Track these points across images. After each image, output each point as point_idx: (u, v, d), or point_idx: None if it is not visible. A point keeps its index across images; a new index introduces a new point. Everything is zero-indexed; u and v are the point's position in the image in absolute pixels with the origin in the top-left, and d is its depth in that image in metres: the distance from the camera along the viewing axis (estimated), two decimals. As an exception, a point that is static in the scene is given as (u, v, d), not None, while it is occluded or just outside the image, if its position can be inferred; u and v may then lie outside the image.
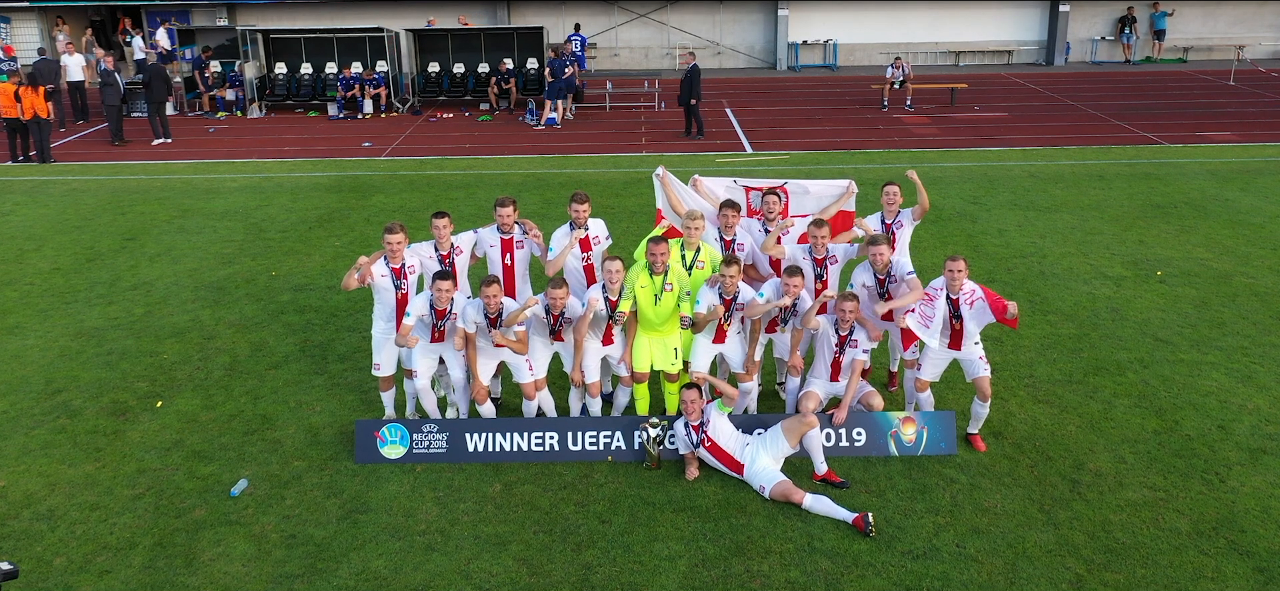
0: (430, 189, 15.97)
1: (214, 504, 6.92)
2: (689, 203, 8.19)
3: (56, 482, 7.21)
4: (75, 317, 10.51)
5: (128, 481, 7.22)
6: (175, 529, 6.64)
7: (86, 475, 7.32)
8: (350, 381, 8.81)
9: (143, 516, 6.77)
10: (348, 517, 6.75)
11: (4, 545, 6.48)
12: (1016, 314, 7.21)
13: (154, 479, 7.25)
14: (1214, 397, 8.29)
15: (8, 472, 7.38)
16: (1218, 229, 13.03)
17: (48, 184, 16.84)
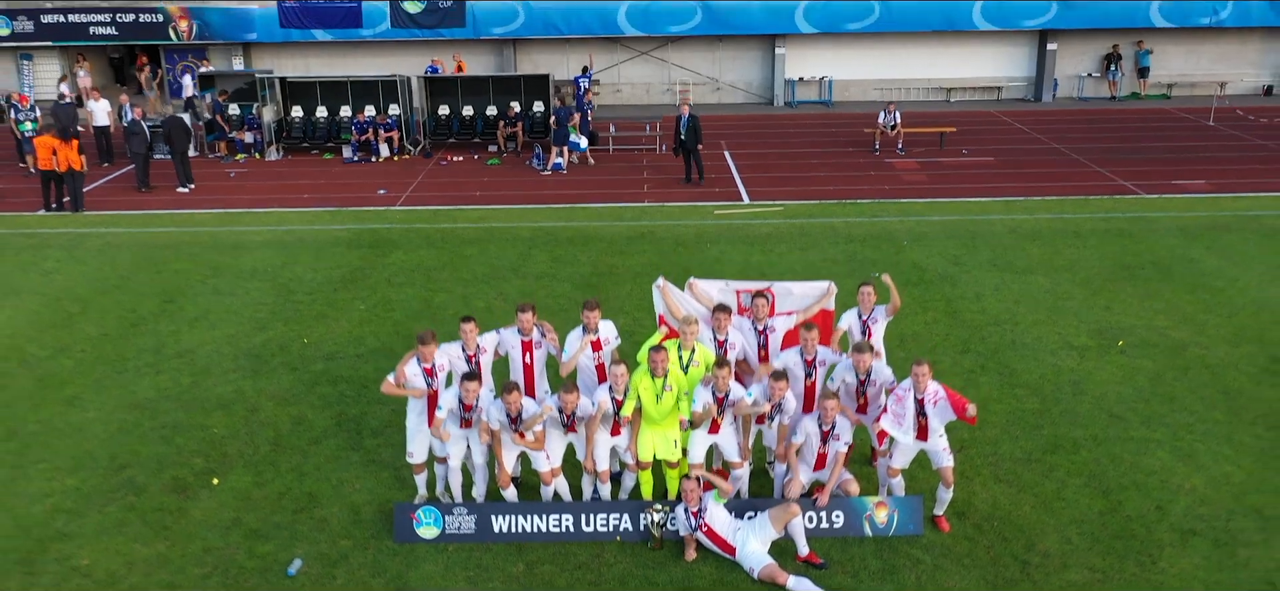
0: (445, 245, 16.97)
1: (274, 582, 7.93)
2: (686, 308, 9.20)
3: (133, 562, 8.22)
4: (127, 388, 11.52)
5: (195, 560, 8.23)
6: (241, 606, 7.66)
7: (158, 554, 8.33)
8: (384, 458, 9.81)
9: (212, 594, 7.80)
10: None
11: None
12: (975, 414, 8.23)
13: (218, 558, 8.26)
14: (1156, 477, 9.29)
15: (89, 551, 8.39)
16: (1180, 294, 14.02)
17: (83, 237, 17.87)
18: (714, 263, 15.72)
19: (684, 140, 21.05)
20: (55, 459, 9.93)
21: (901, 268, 15.19)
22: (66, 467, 9.74)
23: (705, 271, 15.17)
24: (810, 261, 15.75)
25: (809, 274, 15.01)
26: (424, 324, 13.18)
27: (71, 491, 9.32)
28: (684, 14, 29.23)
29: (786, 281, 9.79)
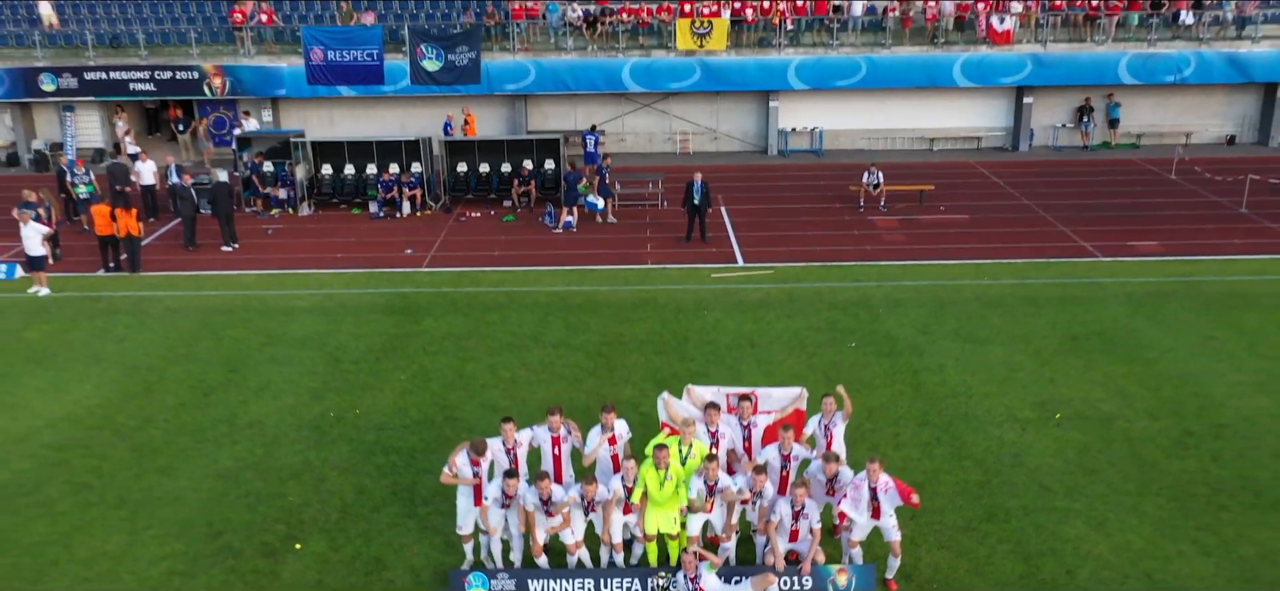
0: (471, 310, 18.97)
1: None
2: (684, 413, 11.19)
3: None
4: (209, 458, 13.51)
5: None
6: (331, 656, 9.65)
7: None
8: (436, 525, 11.78)
9: (307, 645, 9.79)
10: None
11: None
12: (918, 501, 10.23)
13: None
14: (1070, 544, 11.28)
15: None
16: (1116, 366, 16.00)
17: (146, 301, 19.86)
18: (710, 330, 17.73)
19: (697, 204, 23.05)
20: (161, 525, 11.92)
21: (876, 338, 17.21)
22: (172, 533, 11.74)
23: (702, 339, 17.36)
24: (795, 328, 17.77)
25: (794, 340, 17.20)
26: (458, 394, 15.30)
27: (180, 555, 11.32)
28: (684, 71, 31.26)
29: (767, 386, 11.79)
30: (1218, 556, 11.08)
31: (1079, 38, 31.62)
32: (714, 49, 30.94)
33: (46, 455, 13.69)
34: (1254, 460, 13.05)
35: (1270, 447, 13.36)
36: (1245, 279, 20.21)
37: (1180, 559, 11.05)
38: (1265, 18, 31.54)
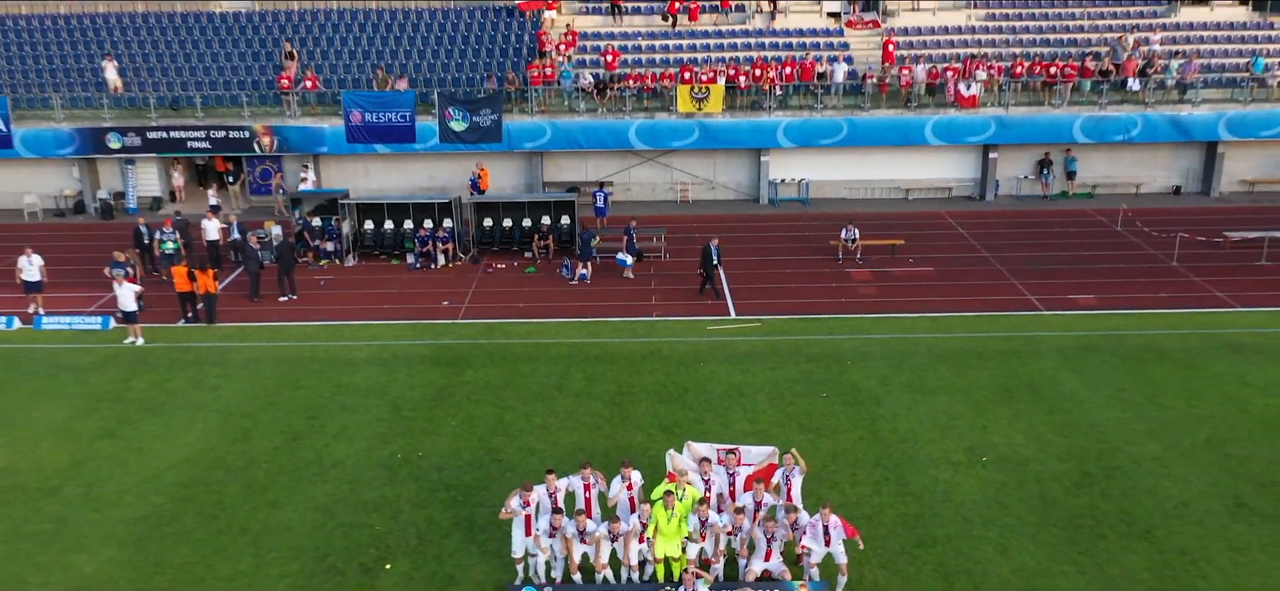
0: (504, 362, 22.29)
1: None
2: (684, 464, 14.54)
3: None
4: (306, 493, 16.84)
5: None
6: (424, 649, 12.97)
7: None
8: (492, 549, 15.09)
9: (404, 642, 13.11)
10: (510, 643, 13.10)
11: None
12: (860, 540, 13.59)
13: None
14: (980, 565, 14.60)
15: None
16: (1039, 415, 19.33)
17: (227, 352, 23.21)
18: (706, 381, 21.06)
19: (716, 264, 26.37)
20: (279, 550, 15.26)
21: (843, 388, 20.56)
22: (289, 556, 15.08)
23: (699, 390, 20.68)
24: (776, 379, 21.10)
25: (775, 390, 20.50)
26: (500, 439, 18.63)
27: (298, 573, 14.66)
28: (684, 131, 34.63)
29: (747, 445, 15.16)
30: (1090, 574, 14.42)
31: (1037, 101, 35.03)
32: (711, 112, 34.35)
33: (176, 491, 17.04)
34: (1133, 497, 16.40)
35: (1148, 486, 16.70)
36: (1161, 333, 23.54)
37: (1062, 577, 14.39)
38: (1204, 83, 34.92)
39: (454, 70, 36.53)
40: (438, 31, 38.25)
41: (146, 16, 39.00)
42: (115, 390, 21.22)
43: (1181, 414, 19.34)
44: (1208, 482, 16.81)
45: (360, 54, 37.28)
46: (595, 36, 38.16)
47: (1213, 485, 16.73)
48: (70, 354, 23.37)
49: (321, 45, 37.69)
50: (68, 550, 15.42)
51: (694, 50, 37.38)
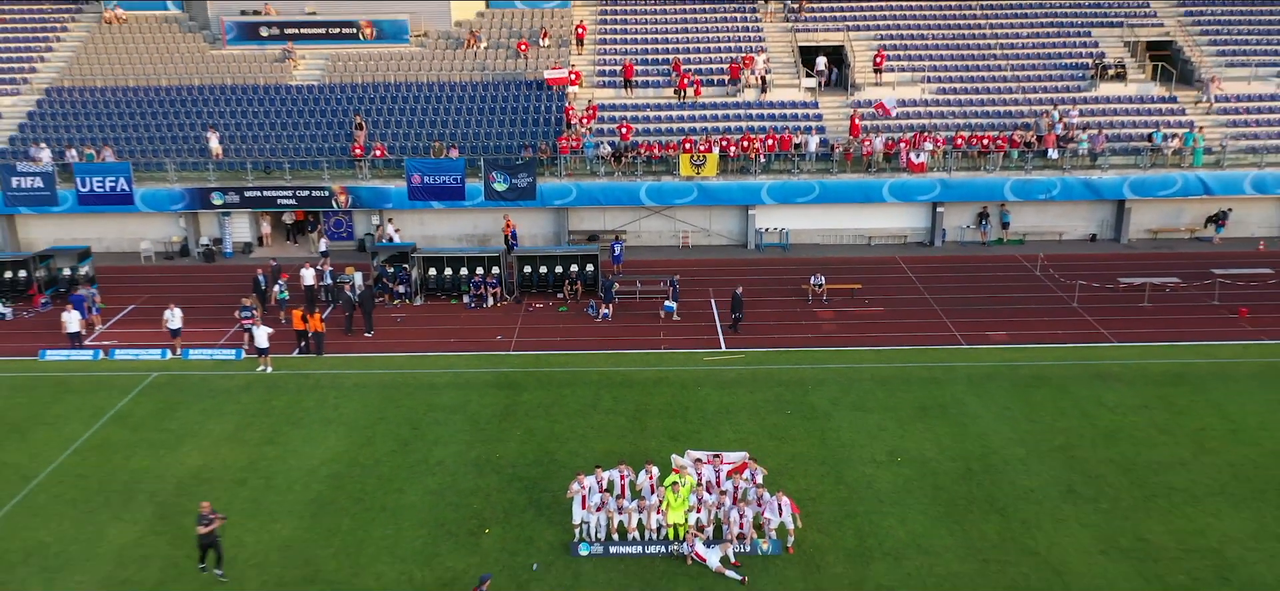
0: (550, 386, 29.13)
1: (534, 575, 20.09)
2: (684, 463, 21.44)
3: (469, 566, 20.40)
4: (422, 484, 23.68)
5: (495, 565, 20.36)
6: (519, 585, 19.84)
7: (476, 563, 20.48)
8: (557, 519, 21.90)
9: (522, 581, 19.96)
10: (573, 570, 19.96)
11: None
12: (799, 514, 20.48)
13: (507, 563, 20.38)
14: (885, 529, 21.42)
15: (453, 557, 20.53)
16: (943, 428, 26.15)
17: (337, 378, 30.07)
18: (702, 402, 27.85)
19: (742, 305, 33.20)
20: (411, 522, 22.09)
21: (803, 408, 27.39)
22: (419, 525, 21.90)
23: (697, 408, 27.43)
24: (754, 400, 27.91)
25: (753, 409, 27.26)
26: (554, 444, 25.45)
27: (425, 537, 21.47)
28: (685, 191, 41.52)
29: (727, 451, 22.09)
30: (958, 536, 21.26)
31: (975, 166, 41.89)
32: (707, 176, 41.24)
33: (328, 482, 23.91)
34: (997, 485, 23.24)
35: (1009, 478, 23.54)
36: (1048, 363, 30.38)
37: (939, 539, 21.20)
38: (1112, 152, 41.81)
39: (495, 138, 43.42)
40: (481, 103, 45.15)
41: (236, 88, 45.93)
42: (262, 408, 28.10)
43: (1046, 426, 26.21)
44: (1051, 475, 23.69)
45: (418, 124, 44.18)
46: (612, 107, 45.05)
47: (1054, 477, 23.61)
48: (218, 380, 30.24)
49: (385, 115, 44.60)
50: (266, 522, 22.29)
51: (696, 119, 44.29)
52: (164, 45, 49.20)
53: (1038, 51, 47.94)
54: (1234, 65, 46.85)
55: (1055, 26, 49.38)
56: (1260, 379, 29.06)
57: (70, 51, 49.20)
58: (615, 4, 51.75)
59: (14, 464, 25.14)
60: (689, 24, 50.03)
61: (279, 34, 48.52)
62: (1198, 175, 41.28)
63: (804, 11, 50.38)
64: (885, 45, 47.77)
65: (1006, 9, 50.56)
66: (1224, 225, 42.80)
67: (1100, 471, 23.92)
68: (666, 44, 48.75)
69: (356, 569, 20.59)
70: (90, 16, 51.68)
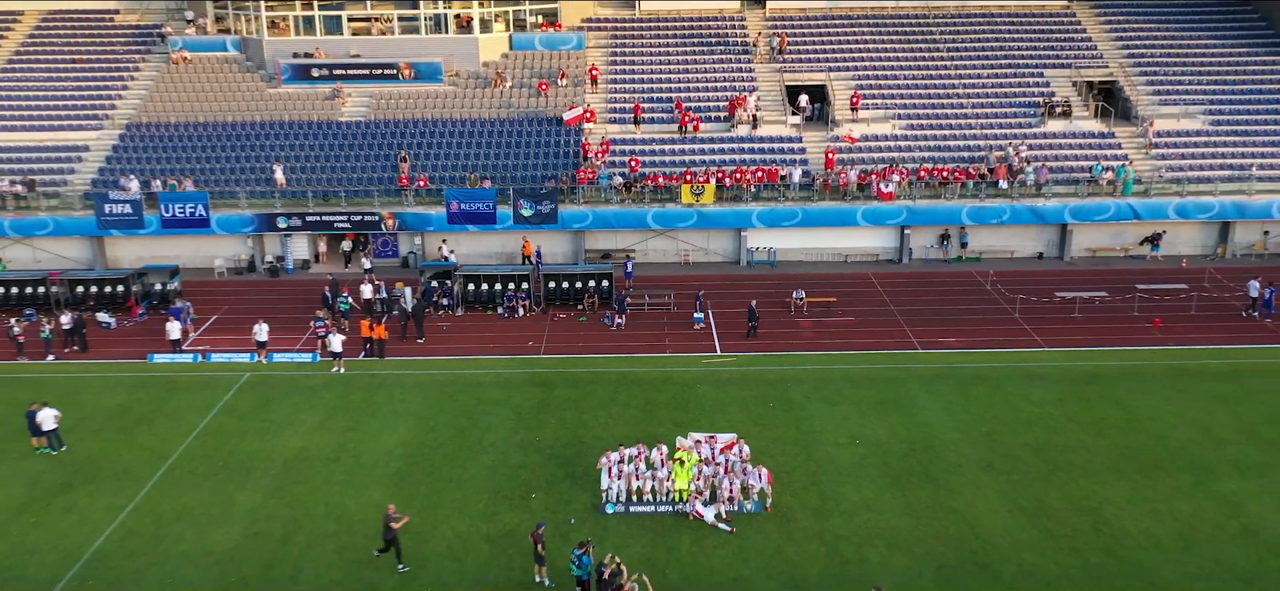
0: (577, 384, 34.96)
1: (571, 528, 25.96)
2: (686, 443, 27.36)
3: (522, 520, 26.30)
4: (478, 461, 29.54)
5: (546, 518, 26.24)
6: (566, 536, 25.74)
7: (528, 519, 26.35)
8: (588, 487, 27.65)
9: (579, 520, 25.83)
10: (602, 524, 25.83)
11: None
12: (772, 483, 26.39)
13: (550, 519, 26.24)
14: (842, 494, 27.21)
15: (511, 515, 26.43)
16: (895, 418, 32.00)
17: (401, 377, 35.92)
18: (702, 397, 33.72)
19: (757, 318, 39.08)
20: (476, 491, 27.91)
21: (783, 400, 33.26)
22: (479, 492, 27.75)
23: (697, 402, 33.15)
24: (743, 395, 33.76)
25: (743, 403, 33.08)
26: (583, 431, 31.30)
27: (487, 500, 27.26)
28: (686, 216, 47.39)
29: (720, 433, 28.02)
30: (896, 498, 27.12)
31: (936, 196, 47.78)
32: (706, 203, 47.14)
33: (404, 461, 29.78)
34: (933, 462, 29.11)
35: (942, 457, 29.39)
36: (988, 364, 36.27)
37: (883, 501, 27.04)
38: (1054, 182, 47.72)
39: (521, 169, 49.31)
40: (507, 138, 51.05)
41: (293, 124, 51.82)
42: (342, 402, 33.97)
43: (979, 416, 32.09)
44: (976, 454, 29.58)
45: (453, 156, 50.08)
46: (622, 141, 50.95)
47: (978, 456, 29.50)
48: (301, 379, 36.12)
49: (425, 148, 50.49)
50: (360, 490, 28.14)
51: (695, 153, 50.19)
52: (226, 84, 55.15)
53: (996, 91, 53.87)
54: (1167, 103, 52.79)
55: (1012, 68, 55.33)
56: (1160, 378, 34.97)
57: (144, 90, 55.14)
58: (624, 48, 57.69)
59: (149, 447, 31.04)
60: (690, 66, 55.99)
61: (328, 74, 54.46)
62: (1129, 203, 47.22)
63: (786, 52, 56.26)
64: (861, 85, 53.74)
65: (970, 52, 56.51)
66: (1160, 244, 48.70)
67: (1016, 451, 29.82)
68: (670, 84, 54.67)
69: (436, 524, 26.46)
70: (158, 57, 57.61)
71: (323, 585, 24.02)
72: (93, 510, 27.37)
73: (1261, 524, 25.84)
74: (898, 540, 25.36)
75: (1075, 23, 58.48)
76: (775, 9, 60.10)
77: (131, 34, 59.47)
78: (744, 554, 24.76)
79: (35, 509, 27.46)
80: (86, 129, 52.62)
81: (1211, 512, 26.41)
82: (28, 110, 53.78)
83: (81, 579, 24.37)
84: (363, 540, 25.70)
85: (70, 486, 28.59)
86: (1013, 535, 25.60)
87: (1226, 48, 56.41)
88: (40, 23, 60.40)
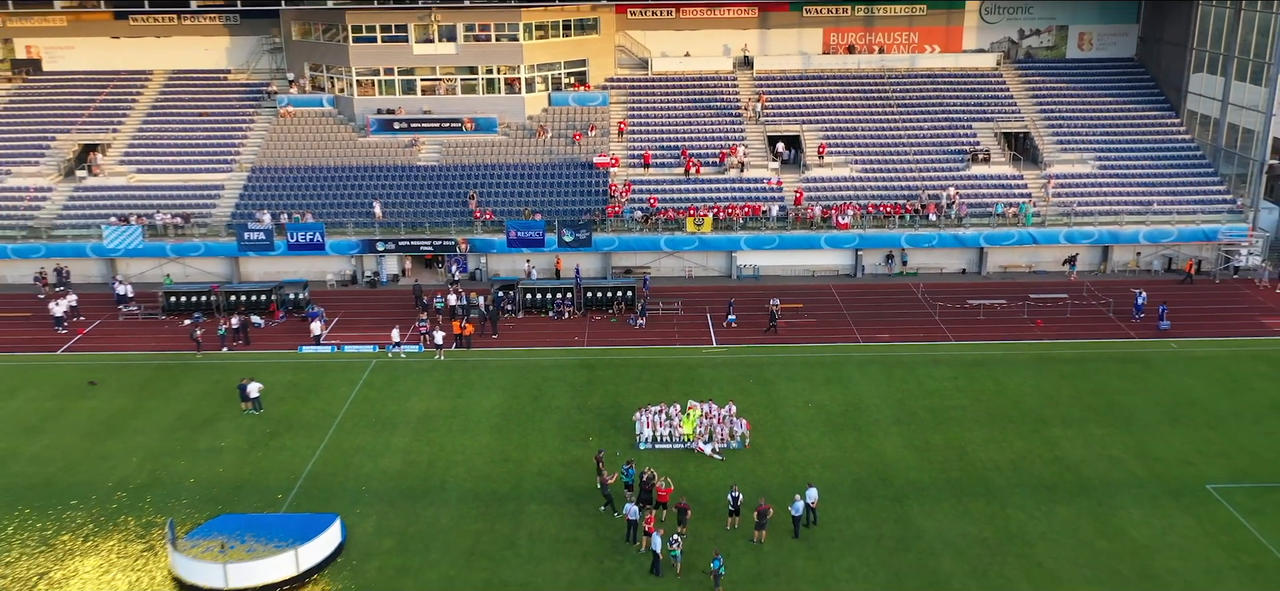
0: (613, 367, 47.66)
1: (627, 454, 38.74)
2: (693, 403, 40.19)
3: (590, 450, 39.08)
4: (550, 419, 42.20)
5: (600, 446, 38.98)
6: (611, 461, 38.53)
7: (587, 452, 39.07)
8: (626, 432, 40.36)
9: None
10: (636, 456, 38.61)
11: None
12: (750, 429, 39.26)
13: (605, 448, 38.96)
14: (796, 440, 39.98)
15: (584, 449, 39.23)
16: (835, 391, 44.71)
17: (487, 363, 48.68)
18: (702, 375, 46.42)
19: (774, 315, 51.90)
20: (549, 434, 40.58)
21: (761, 380, 46.01)
22: (554, 435, 40.46)
23: (700, 381, 46.20)
24: (733, 376, 46.54)
25: (732, 381, 46.07)
26: (622, 400, 44.14)
27: (558, 442, 40.07)
28: (690, 242, 60.17)
29: (715, 401, 40.91)
30: (832, 440, 39.92)
31: (882, 225, 60.54)
32: (704, 232, 59.95)
33: (499, 417, 42.54)
34: (859, 419, 41.85)
35: (866, 414, 42.13)
36: (908, 354, 49.03)
37: (822, 442, 39.83)
38: (971, 215, 60.51)
39: (562, 204, 62.05)
40: (551, 180, 63.80)
41: (381, 167, 64.64)
42: (447, 380, 46.76)
43: (896, 389, 44.86)
44: (889, 413, 42.37)
45: (508, 194, 62.86)
46: (640, 183, 63.72)
47: (891, 414, 42.30)
48: (414, 365, 48.84)
49: (487, 187, 63.28)
50: (473, 435, 40.90)
51: (697, 192, 62.93)
52: (325, 135, 67.98)
53: (933, 140, 66.66)
54: (1067, 150, 65.63)
55: (948, 120, 68.14)
56: (1028, 363, 47.74)
57: (260, 139, 67.99)
58: (640, 103, 70.51)
59: (321, 408, 43.80)
60: (692, 120, 68.82)
61: (407, 126, 67.27)
62: (1029, 231, 60.03)
63: (767, 108, 69.12)
64: (827, 137, 66.62)
65: (915, 106, 69.31)
66: (1075, 264, 61.36)
67: (916, 411, 42.61)
68: (676, 136, 67.49)
69: (526, 456, 39.24)
70: (267, 110, 70.41)
71: (460, 492, 36.80)
72: (298, 448, 40.23)
73: (1067, 455, 38.70)
74: (830, 463, 38.22)
75: (1001, 82, 71.31)
76: (761, 69, 72.94)
77: (243, 91, 72.30)
78: (730, 473, 37.55)
79: (258, 449, 40.30)
80: (218, 171, 65.42)
81: (1038, 449, 39.26)
82: (168, 155, 66.62)
83: (305, 489, 37.24)
84: (483, 465, 38.55)
85: (277, 434, 41.46)
86: (905, 461, 38.44)
87: (1119, 104, 69.23)
88: (167, 81, 73.22)
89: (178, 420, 42.75)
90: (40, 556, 32.84)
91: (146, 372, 47.97)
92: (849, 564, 32.00)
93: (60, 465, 38.99)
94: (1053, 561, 31.88)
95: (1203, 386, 44.67)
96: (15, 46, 74.69)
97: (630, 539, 33.18)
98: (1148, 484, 36.47)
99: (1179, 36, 68.03)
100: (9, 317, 55.62)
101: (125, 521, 34.95)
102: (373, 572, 31.88)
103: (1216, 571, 31.25)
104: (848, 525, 34.14)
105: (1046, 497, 35.65)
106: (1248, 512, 34.38)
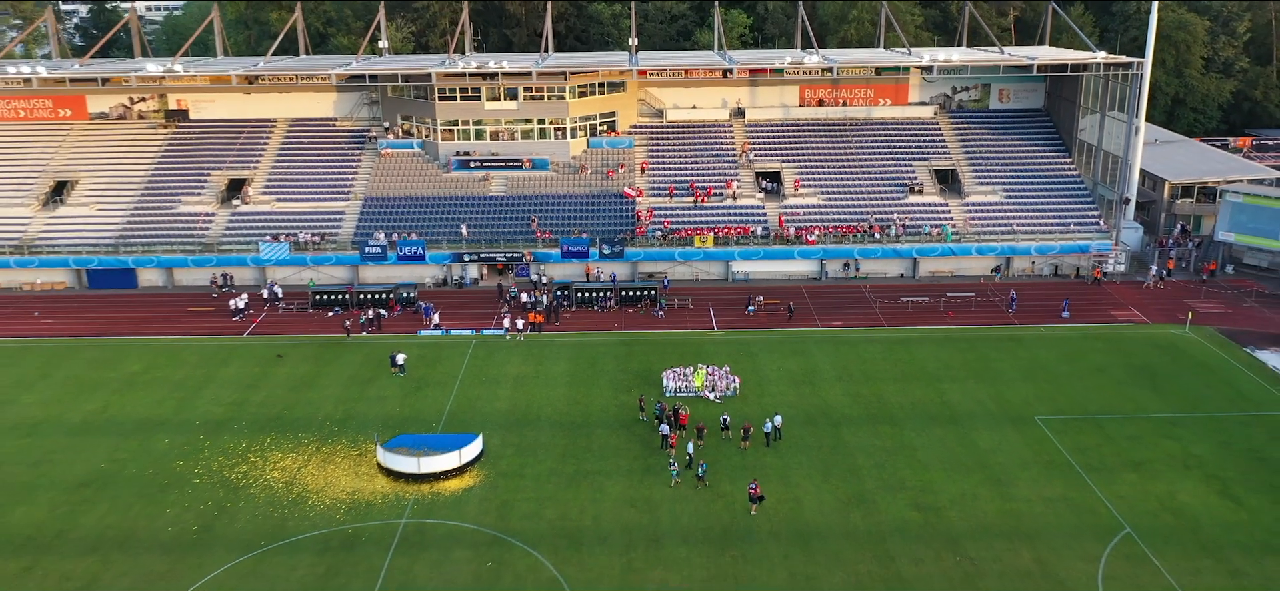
0: (644, 346, 65.24)
1: (650, 401, 56.41)
2: (702, 365, 57.88)
3: (648, 441, 56.79)
4: (607, 384, 59.69)
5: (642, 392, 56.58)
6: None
7: (632, 398, 56.73)
8: (657, 386, 58.12)
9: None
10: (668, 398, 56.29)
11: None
12: (739, 383, 57.01)
13: (646, 395, 56.57)
14: (774, 396, 57.54)
15: (631, 397, 56.93)
16: (802, 361, 62.15)
17: (556, 344, 66.27)
18: (708, 351, 64.01)
19: (791, 309, 69.53)
20: (605, 388, 58.32)
21: (749, 355, 63.65)
22: (611, 391, 58.12)
23: (707, 353, 64.42)
24: (728, 350, 64.09)
25: (728, 355, 64.11)
26: (653, 366, 61.99)
27: (611, 392, 57.61)
28: (697, 254, 77.74)
29: (717, 364, 58.70)
30: (795, 392, 57.65)
31: (841, 241, 78.14)
32: (708, 246, 77.57)
33: (569, 379, 60.09)
34: (814, 380, 59.56)
35: (823, 378, 59.86)
36: (853, 337, 66.60)
37: (787, 393, 57.41)
38: (907, 234, 78.12)
39: (601, 226, 79.66)
40: (591, 208, 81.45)
41: (461, 198, 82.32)
42: (527, 354, 64.43)
43: (842, 360, 62.45)
44: (834, 374, 59.92)
45: (560, 218, 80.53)
46: (660, 209, 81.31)
47: (835, 374, 59.85)
48: (501, 343, 66.45)
49: (545, 213, 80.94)
50: (550, 393, 58.41)
51: (703, 216, 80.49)
52: (417, 171, 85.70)
53: (881, 176, 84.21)
54: (982, 183, 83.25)
55: (893, 161, 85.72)
56: (936, 341, 65.40)
57: (368, 174, 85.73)
58: (657, 146, 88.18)
59: (446, 372, 61.49)
60: (700, 161, 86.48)
61: (479, 165, 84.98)
62: (949, 246, 77.71)
63: (753, 152, 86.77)
64: (800, 173, 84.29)
65: (868, 151, 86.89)
66: (1001, 271, 78.82)
67: (854, 373, 60.27)
68: (687, 173, 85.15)
69: (590, 400, 56.90)
70: (370, 152, 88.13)
71: (549, 421, 54.49)
72: (436, 397, 58.01)
73: (949, 399, 56.41)
74: (791, 404, 55.89)
75: (936, 129, 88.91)
76: (751, 118, 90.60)
77: (349, 136, 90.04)
78: (726, 407, 55.24)
79: (411, 396, 58.07)
80: (339, 200, 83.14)
81: (930, 395, 56.98)
82: (298, 186, 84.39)
83: (448, 421, 55.03)
84: (562, 405, 56.36)
85: (420, 388, 59.26)
86: (841, 403, 56.14)
87: (1026, 147, 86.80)
88: (289, 128, 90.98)
89: (349, 379, 60.56)
90: (291, 457, 50.63)
91: (314, 348, 65.79)
92: (800, 461, 49.69)
93: (281, 406, 56.82)
94: (926, 458, 49.60)
95: (1052, 356, 62.45)
96: (169, 100, 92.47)
97: (663, 447, 50.86)
98: (997, 416, 54.23)
99: (1072, 94, 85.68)
100: (199, 312, 73.50)
101: (338, 439, 52.75)
102: (504, 465, 49.63)
103: (1025, 464, 48.98)
104: (800, 439, 51.84)
105: (930, 424, 53.38)
106: (1056, 432, 52.11)
